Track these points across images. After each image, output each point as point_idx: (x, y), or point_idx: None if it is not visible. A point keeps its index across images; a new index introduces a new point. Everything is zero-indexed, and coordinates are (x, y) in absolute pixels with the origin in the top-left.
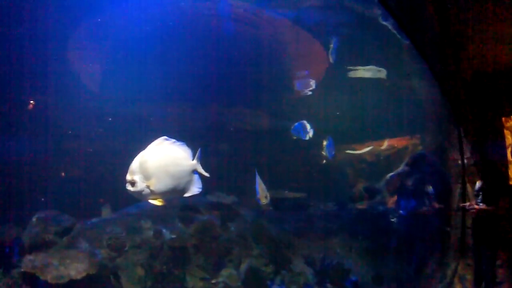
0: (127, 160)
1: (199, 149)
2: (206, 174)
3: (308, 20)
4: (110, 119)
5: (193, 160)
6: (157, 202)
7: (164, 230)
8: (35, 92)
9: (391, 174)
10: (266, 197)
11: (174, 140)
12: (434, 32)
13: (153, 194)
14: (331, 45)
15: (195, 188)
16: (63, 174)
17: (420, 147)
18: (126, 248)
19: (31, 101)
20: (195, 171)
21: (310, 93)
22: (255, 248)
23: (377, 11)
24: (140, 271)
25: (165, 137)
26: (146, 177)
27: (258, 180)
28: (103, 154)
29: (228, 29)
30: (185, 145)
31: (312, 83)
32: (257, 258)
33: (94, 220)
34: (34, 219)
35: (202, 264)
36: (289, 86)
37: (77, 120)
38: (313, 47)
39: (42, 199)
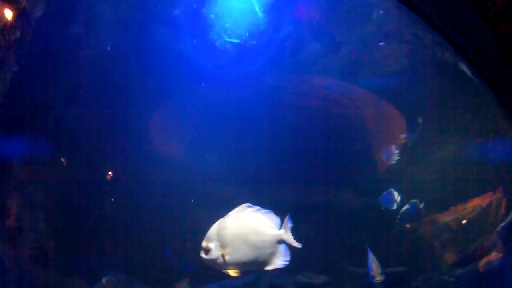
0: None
1: (287, 216)
2: (297, 245)
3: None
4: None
5: (280, 229)
6: (232, 273)
7: None
8: None
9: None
10: (381, 274)
11: (258, 207)
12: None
13: (229, 263)
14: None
15: (279, 261)
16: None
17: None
18: None
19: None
20: (282, 242)
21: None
22: None
23: None
24: None
25: (248, 204)
26: (223, 245)
27: (371, 256)
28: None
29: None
30: (272, 213)
31: (396, 152)
32: None
33: None
34: (104, 280)
35: None
36: (375, 159)
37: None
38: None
39: (114, 261)
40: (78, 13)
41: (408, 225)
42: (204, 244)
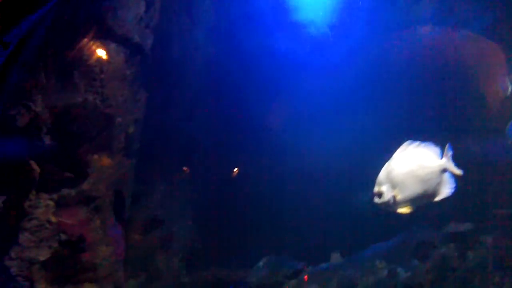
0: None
1: (447, 145)
2: (459, 172)
3: None
4: None
5: (442, 158)
6: (406, 210)
7: (399, 269)
8: None
9: None
10: None
11: (418, 142)
12: None
13: (401, 202)
14: None
15: (446, 190)
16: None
17: None
18: None
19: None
20: (446, 170)
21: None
22: (497, 276)
23: None
24: None
25: (409, 141)
26: (394, 186)
27: None
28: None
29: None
30: (432, 144)
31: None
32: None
33: (324, 264)
34: (261, 263)
35: None
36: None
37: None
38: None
39: (272, 243)
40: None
41: None
42: (376, 189)
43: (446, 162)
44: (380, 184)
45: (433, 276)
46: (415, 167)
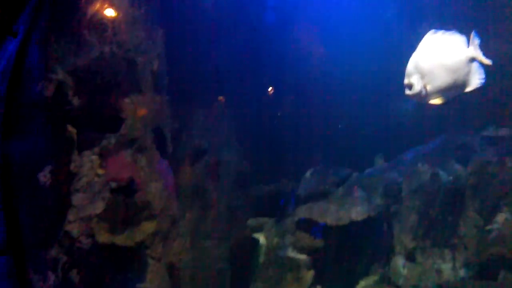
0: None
1: (473, 32)
2: (488, 62)
3: None
4: None
5: (468, 47)
6: (437, 101)
7: (441, 173)
8: None
9: None
10: None
11: (443, 30)
12: None
13: (431, 92)
14: None
15: (476, 80)
16: (339, 126)
17: None
18: (402, 194)
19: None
20: (473, 60)
21: None
22: None
23: None
24: (414, 218)
25: (433, 30)
26: (423, 76)
27: None
28: (373, 104)
29: None
30: (457, 32)
31: None
32: None
33: (369, 170)
34: (308, 173)
35: (477, 208)
36: None
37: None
38: None
39: (316, 154)
40: None
41: None
42: (406, 81)
43: (473, 50)
44: (410, 76)
45: (474, 181)
46: (441, 57)
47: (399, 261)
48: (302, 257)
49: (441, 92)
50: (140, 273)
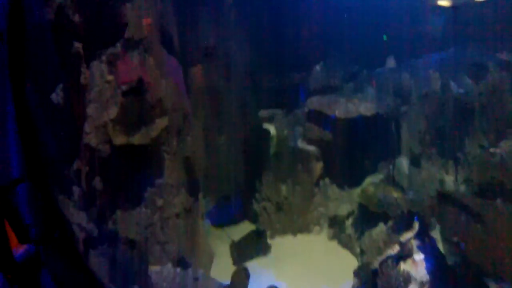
0: None
1: None
2: None
3: None
4: None
5: None
6: (445, 3)
7: (452, 84)
8: None
9: None
10: None
11: None
12: None
13: None
14: None
15: None
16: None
17: None
18: (412, 97)
19: None
20: None
21: None
22: None
23: None
24: (422, 124)
25: None
26: None
27: None
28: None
29: None
30: None
31: None
32: None
33: (380, 69)
34: (318, 67)
35: (484, 128)
36: None
37: None
38: None
39: (326, 49)
40: None
41: None
42: None
43: None
44: None
45: (484, 100)
46: None
47: (404, 164)
48: (312, 148)
49: None
50: (158, 169)
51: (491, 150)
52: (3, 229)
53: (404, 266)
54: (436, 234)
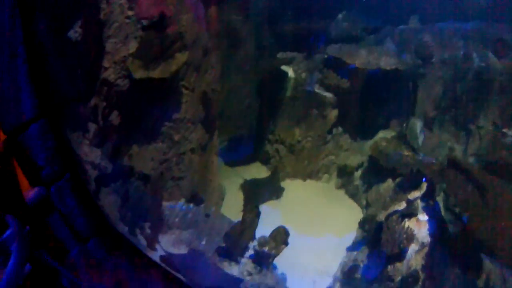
0: None
1: None
2: None
3: None
4: None
5: None
6: None
7: (474, 54)
8: None
9: None
10: None
11: None
12: None
13: None
14: None
15: None
16: None
17: None
18: (433, 60)
19: None
20: None
21: None
22: None
23: None
24: (439, 88)
25: None
26: None
27: None
28: None
29: None
30: None
31: None
32: None
33: (403, 26)
34: (340, 15)
35: (501, 106)
36: None
37: None
38: None
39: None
40: None
41: None
42: None
43: None
44: None
45: (505, 78)
46: None
47: (418, 125)
48: (328, 95)
49: None
50: (176, 104)
51: (505, 130)
52: (13, 171)
53: (408, 223)
54: (439, 200)
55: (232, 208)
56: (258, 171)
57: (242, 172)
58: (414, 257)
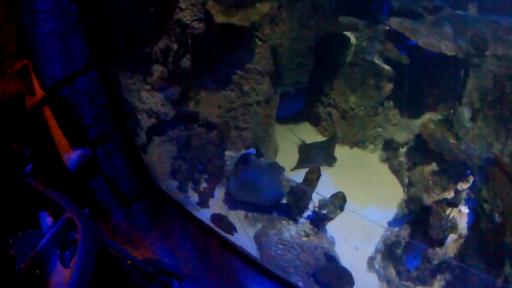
0: None
1: None
2: None
3: None
4: None
5: None
6: None
7: None
8: None
9: None
10: None
11: None
12: None
13: None
14: None
15: None
16: None
17: None
18: (487, 53)
19: None
20: None
21: None
22: None
23: None
24: (490, 82)
25: None
26: None
27: None
28: None
29: None
30: None
31: None
32: None
33: (460, 11)
34: None
35: None
36: None
37: None
38: None
39: None
40: None
41: None
42: None
43: None
44: None
45: None
46: None
47: (466, 114)
48: (387, 67)
49: None
50: (250, 53)
51: None
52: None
53: (453, 213)
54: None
55: (284, 164)
56: (307, 131)
57: (293, 130)
58: (451, 245)
